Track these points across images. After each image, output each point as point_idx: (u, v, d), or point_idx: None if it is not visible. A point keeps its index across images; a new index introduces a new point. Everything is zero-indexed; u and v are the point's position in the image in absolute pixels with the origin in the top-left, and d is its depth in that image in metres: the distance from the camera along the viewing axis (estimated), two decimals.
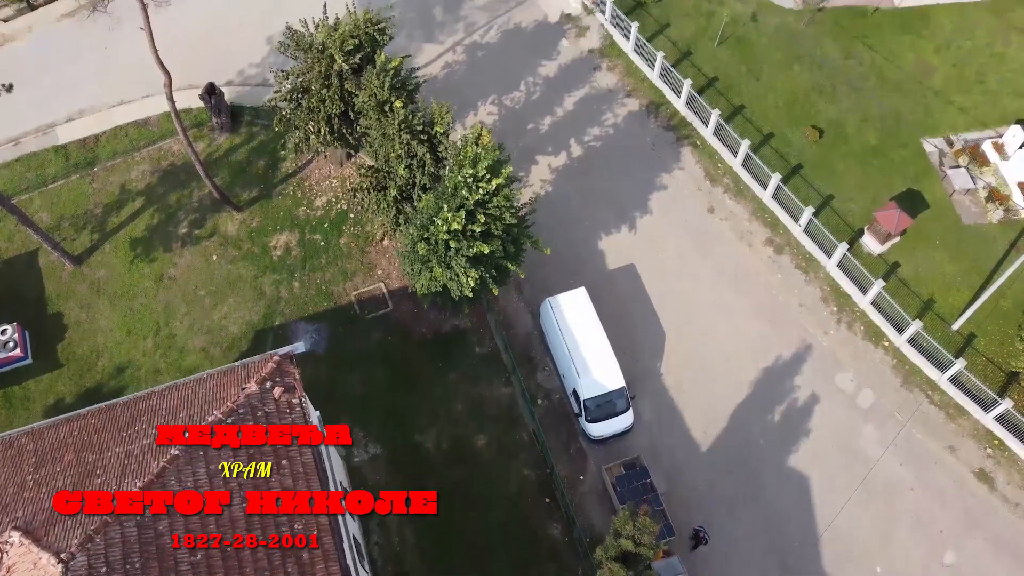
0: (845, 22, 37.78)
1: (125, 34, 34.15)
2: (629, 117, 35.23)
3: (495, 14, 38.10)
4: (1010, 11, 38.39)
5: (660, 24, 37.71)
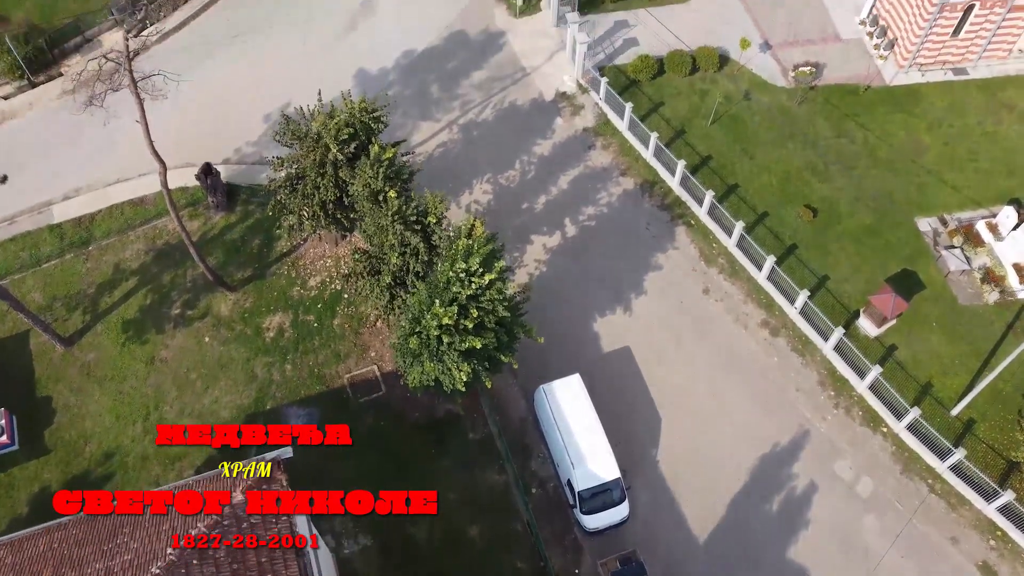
0: (837, 100, 38.20)
1: (125, 110, 34.33)
2: (624, 196, 35.35)
3: (491, 92, 38.51)
4: (1000, 90, 38.91)
5: (654, 102, 38.09)
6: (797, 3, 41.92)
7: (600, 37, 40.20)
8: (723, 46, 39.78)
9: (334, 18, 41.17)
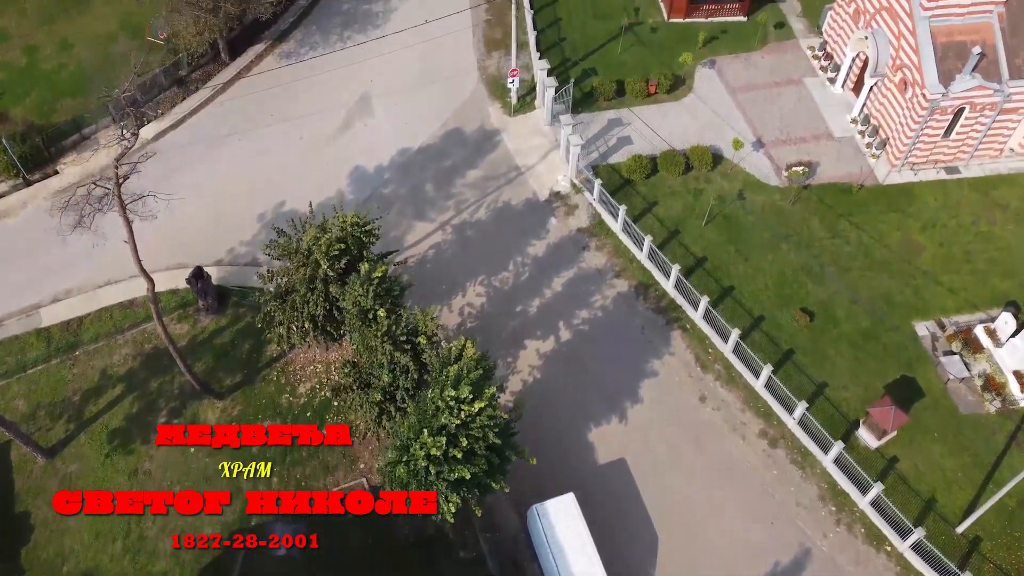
0: (831, 199, 38.26)
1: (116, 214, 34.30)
2: (618, 299, 35.06)
3: (485, 191, 38.58)
4: (993, 189, 39.03)
5: (648, 202, 38.15)
6: (789, 101, 42.38)
7: (594, 135, 40.52)
8: (716, 144, 40.07)
9: (330, 115, 41.57)
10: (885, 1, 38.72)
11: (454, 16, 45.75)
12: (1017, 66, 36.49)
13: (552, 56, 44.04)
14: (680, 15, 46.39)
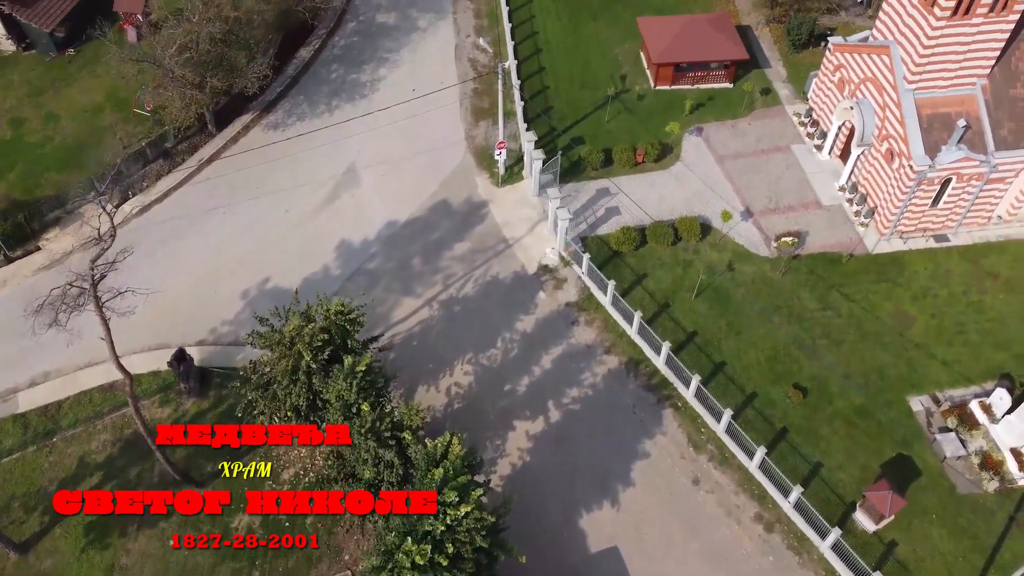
0: (821, 270, 38.03)
1: None
2: (608, 376, 34.51)
3: (473, 264, 38.23)
4: (982, 257, 38.89)
5: (637, 274, 37.84)
6: (777, 169, 42.42)
7: (582, 206, 40.37)
8: (705, 214, 39.95)
9: (317, 187, 41.35)
10: (869, 72, 38.97)
11: (442, 85, 45.99)
12: (1002, 137, 36.61)
13: (539, 125, 44.09)
14: (666, 83, 46.64)
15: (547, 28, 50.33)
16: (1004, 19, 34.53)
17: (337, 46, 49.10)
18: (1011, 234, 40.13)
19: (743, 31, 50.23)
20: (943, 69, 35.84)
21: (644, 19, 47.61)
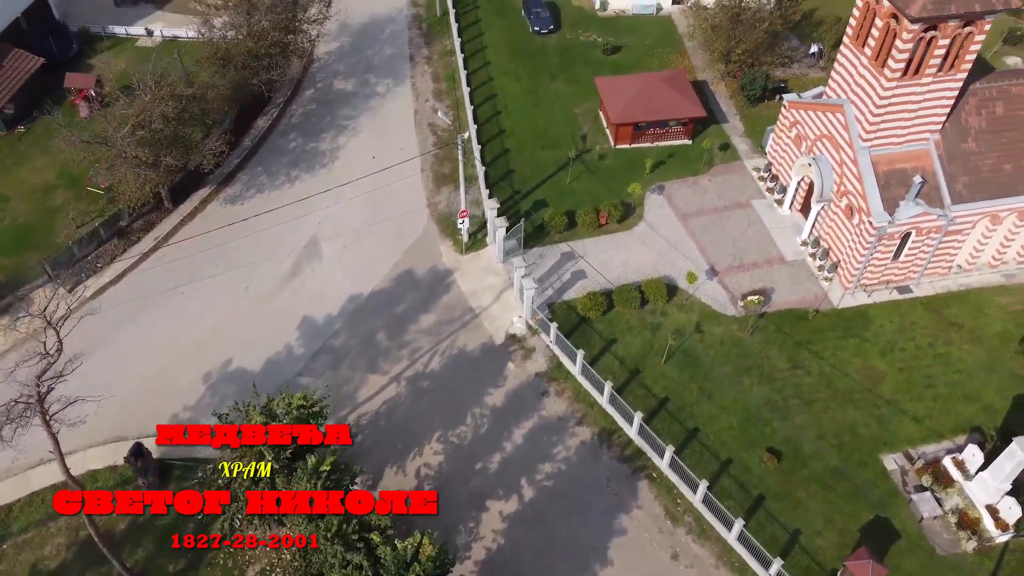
0: (788, 327, 37.99)
1: None
2: (582, 449, 33.92)
3: (439, 337, 37.61)
4: (945, 307, 39.19)
5: (606, 339, 37.47)
6: (739, 225, 42.59)
7: (548, 271, 40.07)
8: (670, 275, 39.87)
9: (277, 263, 40.61)
10: (825, 129, 39.46)
11: (403, 153, 45.79)
12: (957, 191, 37.12)
13: (501, 189, 43.95)
14: (627, 141, 46.90)
15: (506, 89, 50.51)
16: (952, 78, 35.21)
17: (295, 115, 48.76)
18: (971, 282, 40.57)
19: (699, 86, 50.89)
20: (896, 126, 36.38)
21: (602, 79, 47.97)
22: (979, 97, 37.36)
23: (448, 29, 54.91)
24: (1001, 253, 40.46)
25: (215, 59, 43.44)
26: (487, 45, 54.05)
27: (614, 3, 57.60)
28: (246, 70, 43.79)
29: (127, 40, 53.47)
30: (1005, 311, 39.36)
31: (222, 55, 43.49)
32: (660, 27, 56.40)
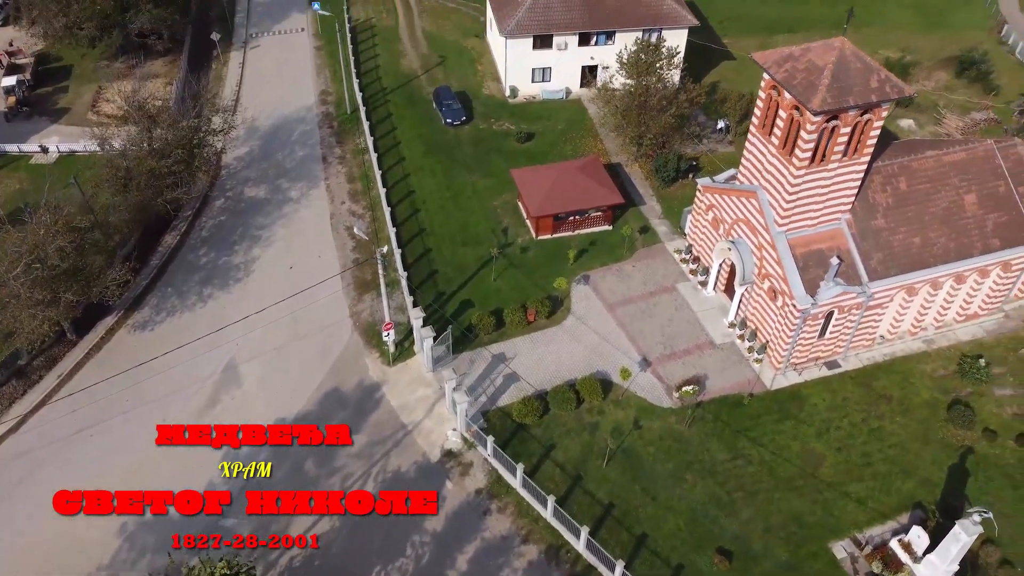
0: (725, 415, 37.76)
1: None
2: (530, 570, 32.57)
3: (371, 460, 35.95)
4: (874, 380, 39.75)
5: (544, 445, 36.51)
6: (666, 311, 42.59)
7: (480, 376, 39.04)
8: (604, 369, 39.36)
9: (194, 392, 38.43)
10: (740, 213, 40.00)
11: (321, 261, 44.47)
12: (873, 268, 37.92)
13: (426, 291, 42.98)
14: (548, 232, 46.72)
15: (422, 186, 49.97)
16: (857, 161, 36.20)
17: (205, 227, 46.98)
18: (895, 351, 41.34)
19: (614, 169, 51.43)
20: (809, 210, 37.08)
21: (518, 171, 47.91)
22: (883, 175, 38.55)
23: (360, 126, 54.33)
24: (919, 320, 41.46)
25: (116, 180, 41.48)
26: (400, 140, 53.61)
27: (524, 90, 58.14)
28: (150, 190, 41.95)
29: (20, 158, 50.95)
30: (930, 378, 40.12)
31: (123, 175, 41.57)
32: (571, 111, 57.10)
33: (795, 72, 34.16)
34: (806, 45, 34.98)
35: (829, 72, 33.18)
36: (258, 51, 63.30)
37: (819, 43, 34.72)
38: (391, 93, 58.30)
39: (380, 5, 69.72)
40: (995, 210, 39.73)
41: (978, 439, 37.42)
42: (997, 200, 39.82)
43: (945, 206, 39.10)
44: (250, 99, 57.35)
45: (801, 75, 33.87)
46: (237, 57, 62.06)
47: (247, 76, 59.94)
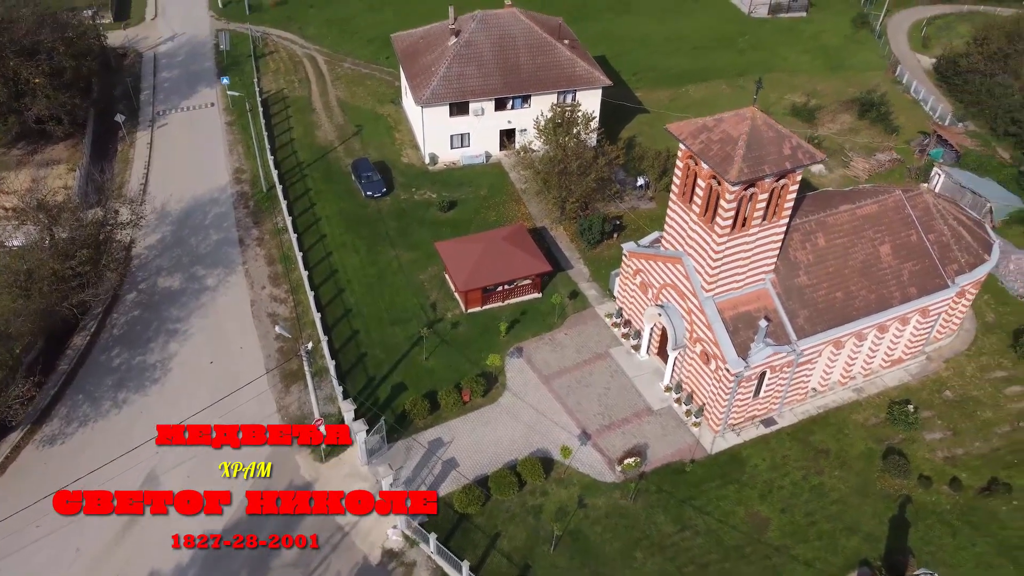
0: (669, 485, 37.39)
1: None
2: None
3: (308, 569, 34.06)
4: (810, 434, 40.13)
5: (489, 535, 35.40)
6: (602, 380, 42.26)
7: (417, 466, 37.77)
8: (544, 446, 38.64)
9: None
10: (668, 278, 40.11)
11: (243, 353, 42.66)
12: (800, 326, 38.38)
13: (356, 377, 41.61)
14: (477, 304, 46.04)
15: (346, 264, 48.76)
16: (776, 224, 36.73)
17: (117, 325, 44.60)
18: (828, 403, 41.90)
19: (539, 234, 51.28)
20: (735, 273, 37.38)
21: (443, 244, 47.21)
22: (801, 232, 39.26)
23: (277, 204, 52.90)
24: (848, 370, 42.16)
25: (14, 285, 38.99)
26: (320, 217, 52.39)
27: (444, 156, 57.78)
28: (54, 294, 39.57)
29: None
30: (863, 427, 40.72)
31: (23, 279, 39.12)
32: (492, 176, 56.96)
33: (710, 143, 34.57)
34: (719, 116, 35.49)
35: (743, 142, 33.67)
36: (166, 130, 61.33)
37: (731, 113, 35.29)
38: (308, 167, 57.12)
39: (292, 75, 68.68)
40: (909, 259, 40.88)
41: (914, 487, 38.00)
42: (910, 249, 41.00)
43: (863, 259, 40.03)
44: (159, 182, 55.34)
45: (716, 146, 34.30)
46: (144, 137, 59.95)
47: (155, 157, 57.90)
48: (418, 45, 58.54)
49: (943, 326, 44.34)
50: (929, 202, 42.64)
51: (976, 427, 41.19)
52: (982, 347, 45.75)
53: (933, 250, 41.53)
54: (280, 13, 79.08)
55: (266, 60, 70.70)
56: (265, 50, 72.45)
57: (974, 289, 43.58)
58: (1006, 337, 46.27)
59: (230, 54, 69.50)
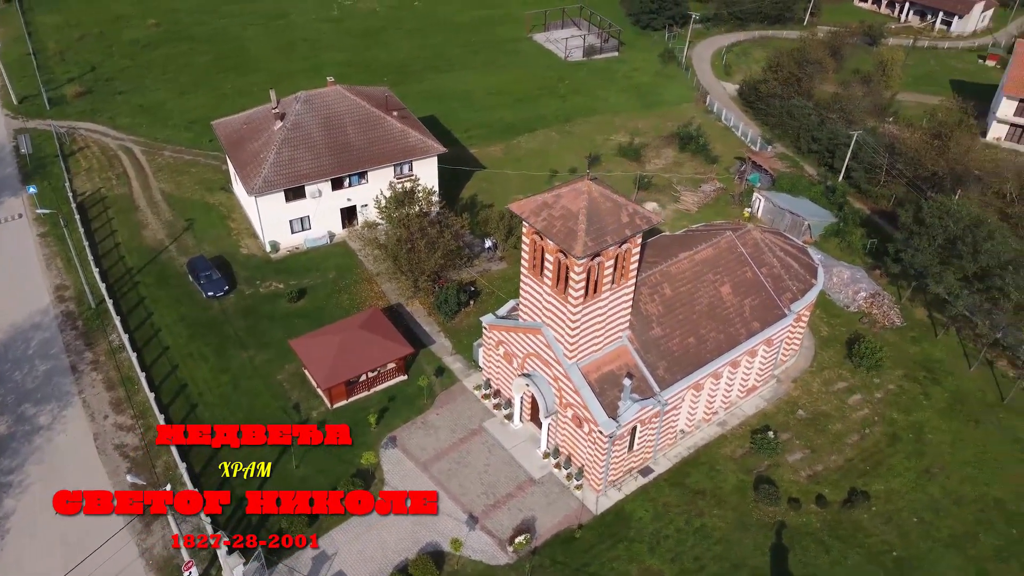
0: (562, 556, 37.58)
1: None
2: None
3: None
4: (685, 477, 41.86)
5: None
6: (481, 457, 42.01)
7: None
8: (433, 540, 37.67)
9: None
10: (530, 347, 40.52)
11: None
12: (660, 376, 39.82)
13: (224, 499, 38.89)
14: (343, 398, 44.65)
15: (195, 376, 45.93)
16: (625, 285, 38.00)
17: None
18: (697, 441, 43.65)
19: (395, 311, 50.58)
20: (594, 337, 38.29)
21: (298, 341, 45.49)
22: (648, 285, 40.89)
23: (110, 320, 49.16)
24: (710, 407, 44.14)
25: None
26: (160, 327, 49.18)
27: (285, 242, 55.99)
28: None
29: None
30: (732, 460, 42.65)
31: None
32: (339, 256, 55.75)
33: (553, 220, 35.33)
34: (556, 192, 36.38)
35: (584, 216, 34.65)
36: None
37: (568, 188, 36.27)
38: (139, 273, 53.58)
39: (108, 171, 64.46)
40: (748, 295, 43.48)
41: (786, 511, 40.15)
42: (748, 286, 43.63)
43: (707, 301, 42.16)
44: None
45: (559, 223, 35.09)
46: None
47: None
48: (242, 131, 56.56)
49: (786, 349, 47.40)
50: (757, 238, 45.61)
51: (830, 441, 44.15)
52: (822, 361, 49.26)
53: (768, 283, 44.38)
54: (85, 104, 74.13)
55: (76, 158, 65.97)
56: (74, 147, 67.63)
57: (808, 311, 46.89)
58: (841, 348, 50.08)
59: (34, 157, 64.36)
